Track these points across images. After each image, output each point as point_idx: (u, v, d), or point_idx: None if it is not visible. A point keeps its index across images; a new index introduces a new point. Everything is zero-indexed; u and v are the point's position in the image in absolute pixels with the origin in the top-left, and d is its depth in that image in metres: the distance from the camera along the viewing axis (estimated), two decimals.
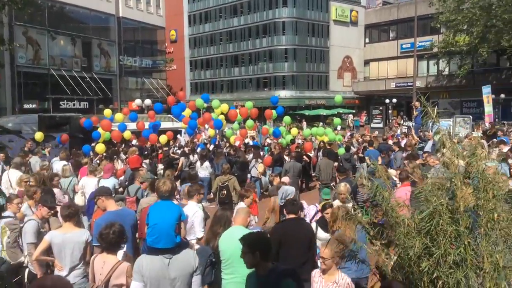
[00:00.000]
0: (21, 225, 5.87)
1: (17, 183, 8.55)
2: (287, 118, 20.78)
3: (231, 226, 5.23)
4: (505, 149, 12.07)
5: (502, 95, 37.06)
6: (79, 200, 8.97)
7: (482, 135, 18.55)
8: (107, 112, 19.17)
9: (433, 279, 3.20)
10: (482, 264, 3.22)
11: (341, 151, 15.42)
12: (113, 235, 4.38)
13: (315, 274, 4.50)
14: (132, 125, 18.22)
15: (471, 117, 26.21)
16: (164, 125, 20.50)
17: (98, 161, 13.43)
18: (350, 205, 7.41)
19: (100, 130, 16.49)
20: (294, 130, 20.36)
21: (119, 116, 18.09)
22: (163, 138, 17.20)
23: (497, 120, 30.97)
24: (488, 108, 26.32)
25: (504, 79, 41.42)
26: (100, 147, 15.08)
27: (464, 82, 42.02)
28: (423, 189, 3.37)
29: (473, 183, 3.32)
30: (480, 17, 33.62)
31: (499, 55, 40.73)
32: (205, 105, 19.06)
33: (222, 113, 18.58)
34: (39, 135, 15.92)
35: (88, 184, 9.24)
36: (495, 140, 14.54)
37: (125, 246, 4.85)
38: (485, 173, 3.28)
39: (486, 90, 26.46)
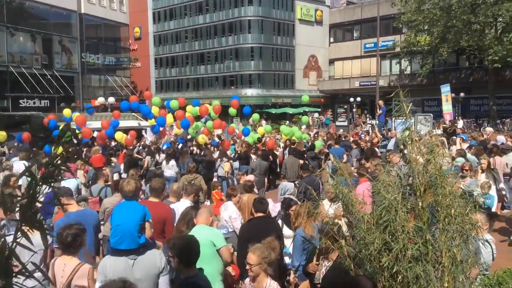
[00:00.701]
0: None
1: None
2: (255, 116, 20.98)
3: (195, 225, 5.21)
4: (464, 146, 12.48)
5: (462, 94, 38.17)
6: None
7: (442, 132, 19.08)
8: (67, 111, 18.80)
9: (393, 274, 3.27)
10: (440, 259, 3.31)
11: (319, 144, 15.86)
12: (68, 237, 4.29)
13: (247, 281, 4.40)
14: (97, 124, 17.91)
15: (432, 115, 26.94)
16: (129, 123, 20.24)
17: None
18: (339, 203, 7.44)
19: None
20: (261, 129, 20.48)
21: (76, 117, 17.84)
22: (119, 135, 17.03)
23: (456, 118, 31.88)
24: (447, 107, 27.04)
25: (464, 78, 42.68)
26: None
27: (426, 81, 43.03)
28: (376, 186, 3.44)
29: (431, 180, 3.40)
30: (440, 18, 34.44)
31: (459, 54, 41.86)
32: (164, 103, 19.24)
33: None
34: (1, 136, 15.52)
35: None
36: (454, 137, 14.97)
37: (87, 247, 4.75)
38: (443, 170, 3.37)
39: (445, 89, 27.18)
